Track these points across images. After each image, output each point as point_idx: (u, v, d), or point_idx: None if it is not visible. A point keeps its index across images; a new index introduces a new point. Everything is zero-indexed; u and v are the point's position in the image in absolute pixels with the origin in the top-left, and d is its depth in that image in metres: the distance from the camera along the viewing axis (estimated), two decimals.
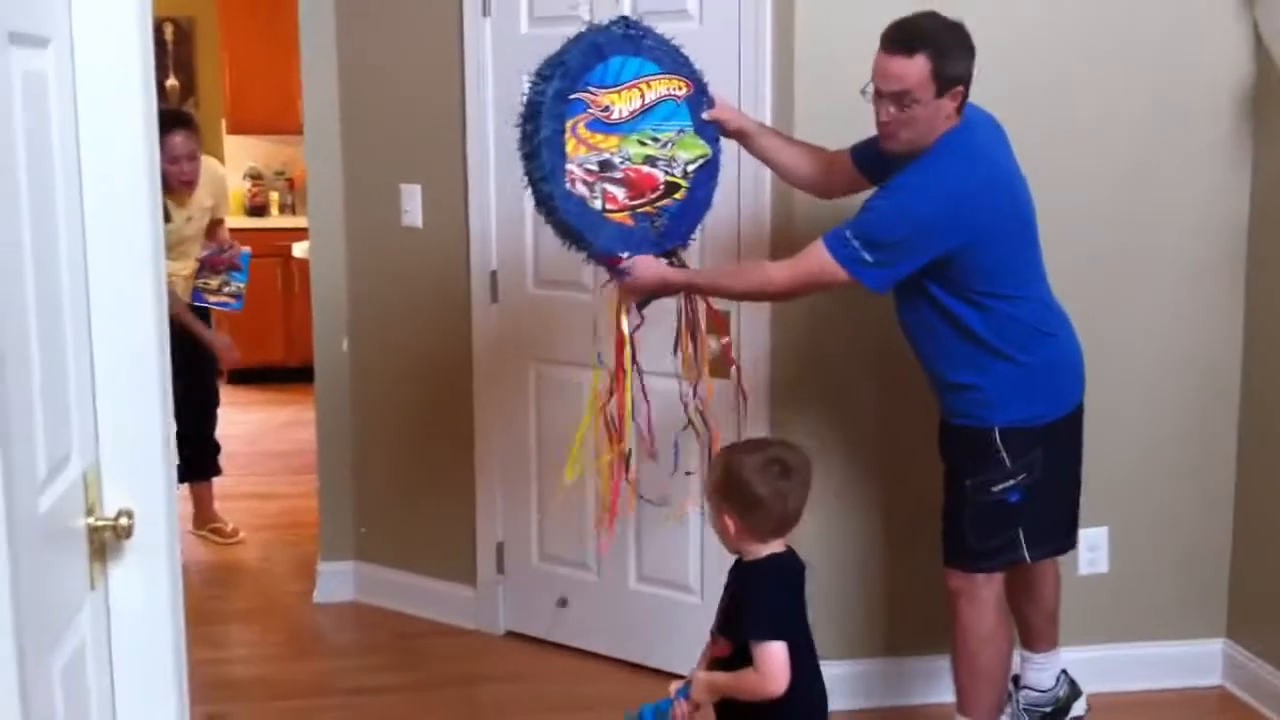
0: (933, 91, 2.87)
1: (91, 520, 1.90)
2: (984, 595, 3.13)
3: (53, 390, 1.75)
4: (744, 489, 2.51)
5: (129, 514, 1.92)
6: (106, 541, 1.95)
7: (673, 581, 3.87)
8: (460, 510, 4.25)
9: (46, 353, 1.71)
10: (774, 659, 2.45)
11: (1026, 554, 3.14)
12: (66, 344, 1.82)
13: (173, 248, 4.60)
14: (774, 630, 2.47)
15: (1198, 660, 3.84)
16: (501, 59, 3.93)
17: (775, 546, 2.58)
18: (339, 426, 4.49)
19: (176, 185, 4.68)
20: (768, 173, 3.41)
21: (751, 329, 3.60)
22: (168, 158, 4.05)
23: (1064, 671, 3.48)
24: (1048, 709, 3.46)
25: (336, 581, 4.51)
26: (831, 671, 3.68)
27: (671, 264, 3.02)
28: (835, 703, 3.65)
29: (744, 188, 3.56)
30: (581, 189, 2.84)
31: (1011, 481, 3.05)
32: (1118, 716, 3.65)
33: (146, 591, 2.01)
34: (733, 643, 2.55)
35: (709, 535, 3.80)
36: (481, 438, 4.20)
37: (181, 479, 3.97)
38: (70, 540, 1.84)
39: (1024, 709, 3.44)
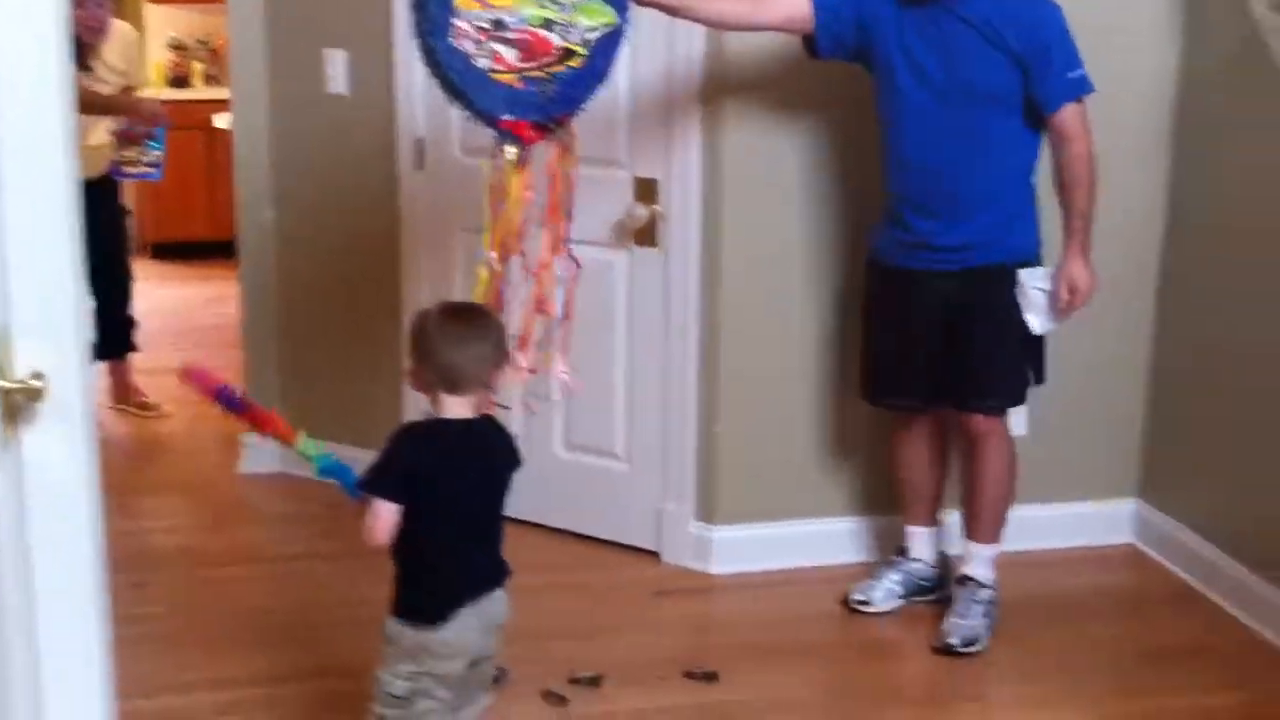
0: None
1: (2, 382, 1.88)
2: (1003, 430, 3.39)
3: None
4: (420, 340, 2.53)
5: (40, 375, 1.89)
6: (18, 404, 1.93)
7: (599, 449, 3.90)
8: (387, 382, 4.24)
9: None
10: (375, 513, 2.46)
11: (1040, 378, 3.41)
12: None
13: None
14: (379, 487, 2.46)
15: (1110, 519, 3.98)
16: None
17: (459, 409, 2.52)
18: (264, 299, 4.45)
19: (83, 32, 4.51)
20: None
21: (682, 192, 3.59)
22: (73, 1, 3.88)
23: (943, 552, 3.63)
24: (929, 584, 3.60)
25: (263, 454, 4.49)
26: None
27: (555, 132, 2.90)
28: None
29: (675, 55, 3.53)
30: (467, 45, 2.73)
31: None
32: (1033, 573, 3.76)
33: (62, 454, 1.99)
34: None
35: (636, 402, 3.85)
36: (409, 308, 4.16)
37: (97, 357, 3.91)
38: None
39: (919, 581, 3.60)
